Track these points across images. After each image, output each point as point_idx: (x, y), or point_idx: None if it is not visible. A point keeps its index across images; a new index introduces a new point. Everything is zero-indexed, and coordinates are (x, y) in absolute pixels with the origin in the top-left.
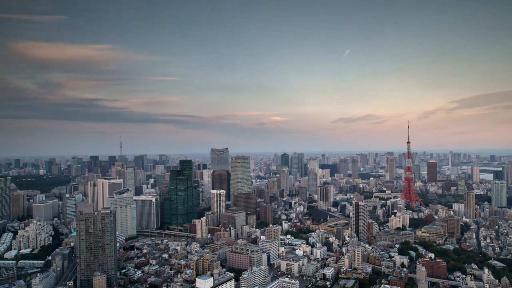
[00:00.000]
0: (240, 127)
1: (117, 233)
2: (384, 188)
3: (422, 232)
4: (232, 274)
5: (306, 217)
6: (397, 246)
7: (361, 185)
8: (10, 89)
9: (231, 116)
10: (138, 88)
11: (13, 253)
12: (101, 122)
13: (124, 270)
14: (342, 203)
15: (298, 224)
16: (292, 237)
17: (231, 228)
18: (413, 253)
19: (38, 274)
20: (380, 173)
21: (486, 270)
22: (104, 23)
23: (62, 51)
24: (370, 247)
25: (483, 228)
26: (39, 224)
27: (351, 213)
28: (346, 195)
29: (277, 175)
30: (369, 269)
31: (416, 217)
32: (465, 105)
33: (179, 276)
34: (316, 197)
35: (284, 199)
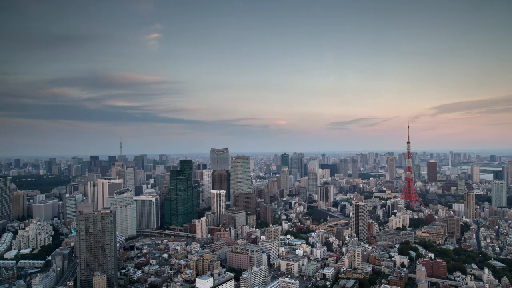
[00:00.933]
0: (246, 129)
1: (117, 233)
2: (384, 188)
3: (422, 232)
4: (232, 274)
5: (306, 217)
6: (397, 246)
7: (361, 185)
8: (12, 88)
9: (237, 119)
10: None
11: (13, 253)
12: (102, 121)
13: (124, 270)
14: (342, 203)
15: (298, 224)
16: (292, 237)
17: (231, 228)
18: (413, 253)
19: (38, 274)
20: (380, 173)
21: (486, 270)
22: None
23: None
24: (370, 247)
25: (483, 228)
26: (39, 224)
27: (351, 213)
28: (346, 195)
29: (277, 175)
30: (369, 269)
31: (416, 217)
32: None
33: (179, 276)
34: (316, 197)
35: (284, 199)
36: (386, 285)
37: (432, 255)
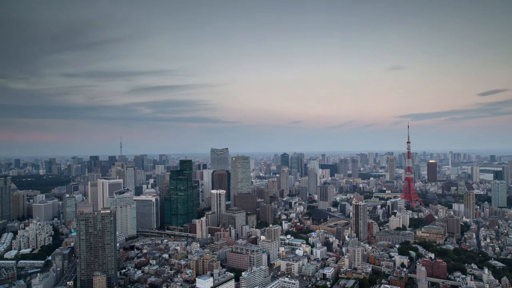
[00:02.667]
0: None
1: (117, 233)
2: (384, 188)
3: (422, 232)
4: (232, 274)
5: (306, 217)
6: (397, 246)
7: (361, 185)
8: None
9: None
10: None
11: (13, 253)
12: (102, 121)
13: (124, 270)
14: (342, 203)
15: (298, 224)
16: (292, 237)
17: (231, 228)
18: (413, 253)
19: (38, 274)
20: (380, 173)
21: (486, 270)
22: None
23: None
24: (370, 247)
25: (483, 228)
26: (39, 224)
27: (351, 213)
28: (346, 195)
29: (277, 175)
30: (369, 269)
31: (416, 217)
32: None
33: (179, 276)
34: (316, 197)
35: (284, 199)
36: (386, 285)
37: (432, 255)
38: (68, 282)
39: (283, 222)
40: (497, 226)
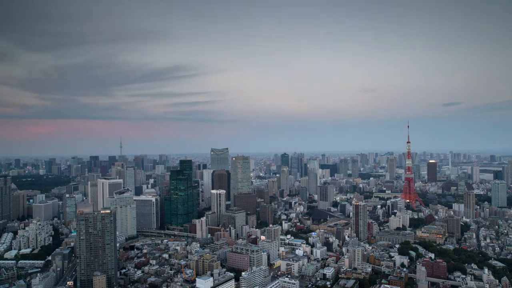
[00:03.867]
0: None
1: (117, 233)
2: (384, 188)
3: (422, 232)
4: (232, 274)
5: (306, 217)
6: (397, 246)
7: (361, 185)
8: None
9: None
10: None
11: (13, 253)
12: (102, 120)
13: (124, 270)
14: (342, 203)
15: (298, 224)
16: (292, 237)
17: (231, 228)
18: (413, 253)
19: (38, 274)
20: (380, 173)
21: (486, 270)
22: None
23: None
24: (370, 247)
25: (483, 228)
26: (39, 224)
27: (351, 213)
28: (346, 195)
29: (277, 175)
30: (369, 269)
31: (416, 217)
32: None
33: (179, 276)
34: (316, 197)
35: (284, 199)
36: (386, 285)
37: (432, 255)
38: (68, 282)
39: (283, 222)
40: (497, 226)
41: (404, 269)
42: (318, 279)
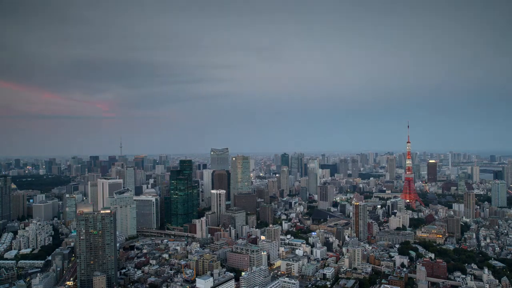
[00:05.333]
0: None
1: (117, 233)
2: (384, 188)
3: (422, 232)
4: (232, 274)
5: (306, 217)
6: (397, 246)
7: (361, 185)
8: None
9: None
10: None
11: (13, 253)
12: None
13: (124, 270)
14: (342, 203)
15: (298, 224)
16: (292, 237)
17: (231, 228)
18: (413, 253)
19: (38, 274)
20: (380, 173)
21: (486, 270)
22: None
23: None
24: (370, 247)
25: (483, 228)
26: (39, 224)
27: (351, 213)
28: (346, 195)
29: (277, 175)
30: (369, 269)
31: (416, 217)
32: None
33: (179, 276)
34: (316, 197)
35: (284, 199)
36: (386, 285)
37: (432, 255)
38: (68, 282)
39: (283, 222)
40: (497, 226)
41: (404, 269)
42: (318, 279)
